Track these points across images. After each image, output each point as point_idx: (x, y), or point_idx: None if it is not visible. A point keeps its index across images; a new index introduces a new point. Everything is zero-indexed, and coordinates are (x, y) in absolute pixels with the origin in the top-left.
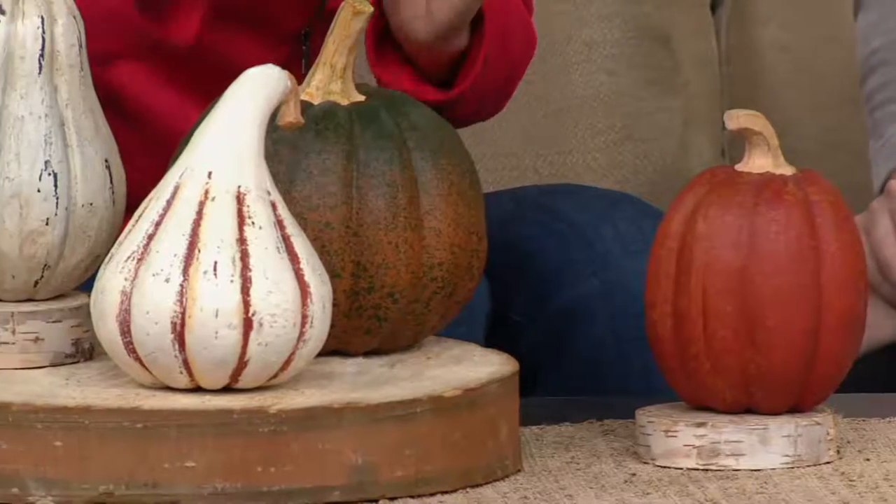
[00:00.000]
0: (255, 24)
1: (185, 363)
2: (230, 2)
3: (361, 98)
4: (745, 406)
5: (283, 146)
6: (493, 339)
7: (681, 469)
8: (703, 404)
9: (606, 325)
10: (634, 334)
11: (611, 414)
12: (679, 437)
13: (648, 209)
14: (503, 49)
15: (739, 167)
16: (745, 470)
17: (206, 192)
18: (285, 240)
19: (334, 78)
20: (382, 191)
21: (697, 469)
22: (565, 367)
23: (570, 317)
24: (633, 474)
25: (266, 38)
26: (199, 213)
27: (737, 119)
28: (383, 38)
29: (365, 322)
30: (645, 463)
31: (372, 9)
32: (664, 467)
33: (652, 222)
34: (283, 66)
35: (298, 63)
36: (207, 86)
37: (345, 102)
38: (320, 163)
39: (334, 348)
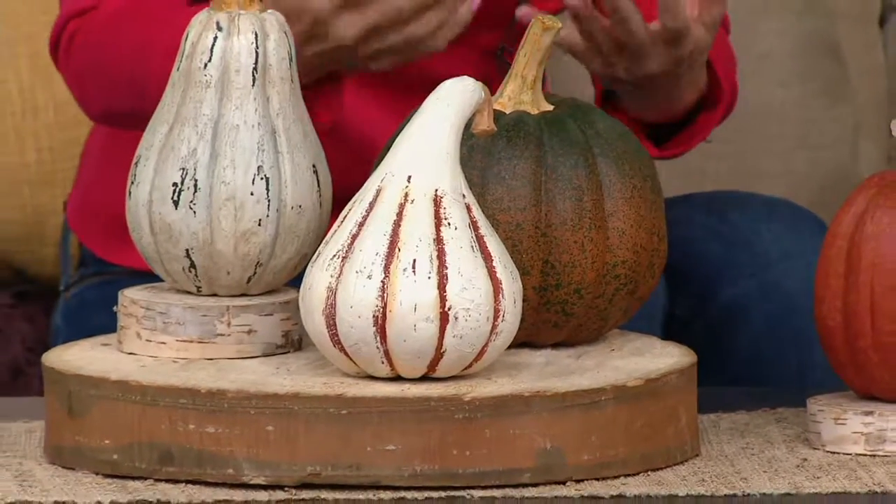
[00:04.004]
0: (454, 42)
1: (386, 354)
2: None
3: (550, 107)
4: None
5: (476, 152)
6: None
7: (849, 454)
8: (872, 394)
9: (764, 325)
10: (791, 334)
11: (783, 402)
12: (848, 424)
13: (803, 213)
14: (726, 113)
15: None
16: None
17: (406, 195)
18: (479, 239)
19: (525, 89)
20: (569, 194)
21: (865, 455)
22: (725, 364)
23: (730, 315)
24: (805, 459)
25: (464, 54)
26: (400, 215)
27: None
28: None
29: (553, 316)
30: (815, 449)
31: (560, 24)
32: (833, 453)
33: (807, 225)
34: (483, 80)
35: (496, 76)
36: (409, 101)
37: (534, 112)
38: (511, 168)
39: (524, 340)
